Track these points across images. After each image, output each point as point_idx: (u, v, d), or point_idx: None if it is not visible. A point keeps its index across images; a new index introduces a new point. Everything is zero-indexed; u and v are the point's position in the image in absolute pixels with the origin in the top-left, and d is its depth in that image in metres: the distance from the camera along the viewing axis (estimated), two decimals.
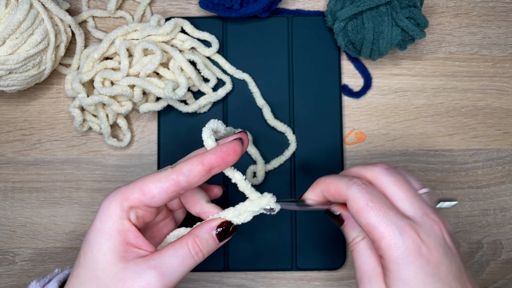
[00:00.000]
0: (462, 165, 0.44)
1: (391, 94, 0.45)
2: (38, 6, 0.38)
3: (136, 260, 0.28)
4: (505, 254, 0.44)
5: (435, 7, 0.46)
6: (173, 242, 0.29)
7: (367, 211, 0.27)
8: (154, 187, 0.28)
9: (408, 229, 0.26)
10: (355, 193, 0.28)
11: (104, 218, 0.28)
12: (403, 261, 0.26)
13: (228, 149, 0.29)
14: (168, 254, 0.28)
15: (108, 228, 0.28)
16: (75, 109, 0.42)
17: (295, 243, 0.43)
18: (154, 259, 0.28)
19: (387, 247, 0.26)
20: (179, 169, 0.28)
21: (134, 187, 0.29)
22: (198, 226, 0.30)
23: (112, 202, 0.28)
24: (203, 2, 0.43)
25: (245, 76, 0.43)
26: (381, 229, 0.27)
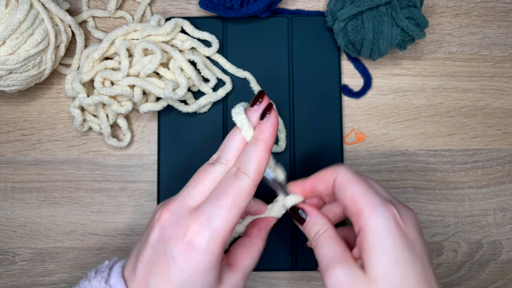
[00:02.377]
0: (462, 165, 0.44)
1: (391, 94, 0.45)
2: (38, 6, 0.38)
3: (228, 276, 0.30)
4: (505, 254, 0.44)
5: (435, 7, 0.46)
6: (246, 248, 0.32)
7: (354, 182, 0.29)
8: (246, 204, 0.28)
9: (389, 204, 0.28)
10: (345, 169, 0.31)
11: (210, 259, 0.27)
12: (383, 230, 0.27)
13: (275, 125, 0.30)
14: (249, 262, 0.31)
15: (214, 265, 0.27)
16: (75, 109, 0.42)
17: (295, 243, 0.43)
18: (242, 271, 0.31)
19: (368, 215, 0.28)
20: (258, 173, 0.29)
21: (233, 216, 0.27)
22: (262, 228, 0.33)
23: (216, 242, 0.27)
24: (203, 2, 0.43)
25: (247, 74, 0.43)
26: (365, 198, 0.28)
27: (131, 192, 0.44)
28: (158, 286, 0.27)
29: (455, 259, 0.44)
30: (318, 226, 0.31)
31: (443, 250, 0.44)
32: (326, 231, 0.30)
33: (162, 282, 0.27)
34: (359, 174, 0.30)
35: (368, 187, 0.29)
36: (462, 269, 0.44)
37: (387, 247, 0.27)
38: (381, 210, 0.28)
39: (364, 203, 0.28)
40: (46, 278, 0.43)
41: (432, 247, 0.44)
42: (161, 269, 0.27)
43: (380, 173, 0.44)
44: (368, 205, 0.28)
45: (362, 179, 0.30)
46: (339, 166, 0.31)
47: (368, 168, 0.44)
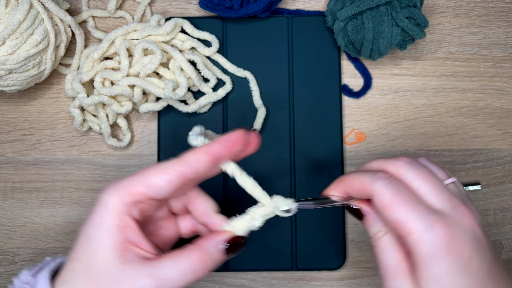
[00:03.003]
0: (462, 165, 0.44)
1: (391, 94, 0.45)
2: (38, 6, 0.38)
3: (135, 264, 0.26)
4: (505, 254, 0.44)
5: (435, 7, 0.46)
6: (177, 250, 0.27)
7: (394, 206, 0.26)
8: (159, 179, 0.27)
9: (437, 224, 0.25)
10: (380, 188, 0.27)
11: (103, 212, 0.27)
12: (433, 257, 0.25)
13: (233, 138, 0.28)
14: (169, 264, 0.26)
15: (108, 224, 0.26)
16: (75, 109, 0.42)
17: (295, 243, 0.43)
18: (153, 267, 0.26)
19: (416, 243, 0.25)
20: (185, 160, 0.27)
21: (136, 179, 0.27)
22: (205, 238, 0.28)
23: (112, 196, 0.27)
24: (203, 2, 0.43)
25: (247, 73, 0.43)
26: (409, 225, 0.26)
27: None
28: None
29: None
30: (376, 228, 0.29)
31: None
32: (385, 235, 0.28)
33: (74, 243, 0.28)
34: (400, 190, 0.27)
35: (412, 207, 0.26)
36: None
37: (439, 275, 0.25)
38: (428, 237, 0.25)
39: (408, 230, 0.26)
40: None
41: None
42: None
43: None
44: (413, 232, 0.26)
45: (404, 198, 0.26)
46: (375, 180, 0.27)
47: None
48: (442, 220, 0.26)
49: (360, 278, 0.43)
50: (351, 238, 0.44)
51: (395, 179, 0.27)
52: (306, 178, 0.43)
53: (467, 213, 0.27)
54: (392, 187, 0.27)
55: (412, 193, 0.27)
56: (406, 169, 0.28)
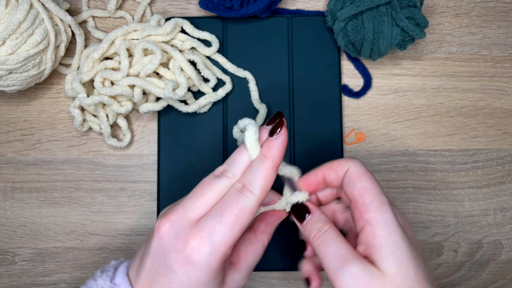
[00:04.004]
0: (462, 165, 0.44)
1: (391, 94, 0.45)
2: (38, 6, 0.38)
3: (231, 276, 0.30)
4: (505, 254, 0.44)
5: (435, 7, 0.46)
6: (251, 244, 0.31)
7: (367, 177, 0.29)
8: (249, 222, 0.28)
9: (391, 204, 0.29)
10: (358, 162, 0.31)
11: (210, 273, 0.27)
12: (392, 225, 0.27)
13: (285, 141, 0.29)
14: (253, 259, 0.31)
15: (215, 277, 0.27)
16: (75, 109, 0.42)
17: (295, 243, 0.43)
18: (245, 269, 0.31)
19: (378, 210, 0.28)
20: (265, 191, 0.28)
21: (235, 233, 0.27)
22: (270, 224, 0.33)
23: (216, 258, 0.27)
24: (203, 2, 0.43)
25: (247, 73, 0.43)
26: (376, 192, 0.29)
27: (131, 192, 0.44)
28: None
29: (455, 259, 0.44)
30: (321, 223, 0.30)
31: (443, 250, 0.44)
32: (331, 228, 0.29)
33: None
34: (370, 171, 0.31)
35: (378, 185, 0.29)
36: (462, 269, 0.44)
37: (398, 241, 0.27)
38: (388, 207, 0.28)
39: (374, 197, 0.28)
40: (46, 278, 0.43)
41: (432, 247, 0.44)
42: (162, 279, 0.27)
43: (380, 173, 0.44)
44: (376, 200, 0.28)
45: (373, 176, 0.30)
46: (353, 158, 0.31)
47: (368, 168, 0.44)
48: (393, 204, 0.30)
49: None
50: None
51: None
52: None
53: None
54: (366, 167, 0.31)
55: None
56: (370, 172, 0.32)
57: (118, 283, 0.28)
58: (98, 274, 0.30)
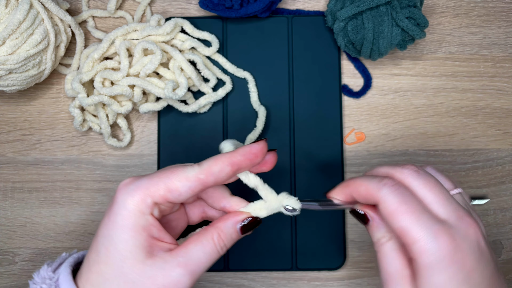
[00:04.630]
0: (462, 165, 0.44)
1: (391, 94, 0.45)
2: (38, 6, 0.38)
3: (163, 256, 0.27)
4: (505, 254, 0.44)
5: (435, 7, 0.46)
6: (196, 235, 0.28)
7: (400, 214, 0.26)
8: (181, 186, 0.27)
9: (442, 234, 0.26)
10: (387, 195, 0.27)
11: (126, 213, 0.27)
12: (436, 267, 0.25)
13: (256, 150, 0.28)
14: (195, 249, 0.27)
15: (132, 224, 0.27)
16: (75, 109, 0.42)
17: (295, 243, 0.43)
18: (181, 255, 0.27)
19: (420, 252, 0.25)
20: (209, 169, 0.27)
21: (159, 182, 0.27)
22: (222, 219, 0.29)
23: (134, 197, 0.27)
24: (203, 2, 0.43)
25: (246, 74, 0.43)
26: (414, 233, 0.26)
27: None
28: (90, 247, 0.28)
29: None
30: (380, 233, 0.29)
31: None
32: (389, 241, 0.28)
33: (92, 242, 0.28)
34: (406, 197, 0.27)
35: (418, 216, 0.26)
36: None
37: (439, 285, 0.25)
38: (433, 246, 0.25)
39: (413, 239, 0.26)
40: None
41: None
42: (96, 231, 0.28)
43: None
44: (418, 241, 0.25)
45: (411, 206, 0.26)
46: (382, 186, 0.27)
47: (368, 168, 0.44)
48: (447, 231, 0.26)
49: (360, 278, 0.43)
50: (351, 238, 0.44)
51: (402, 187, 0.27)
52: (306, 178, 0.43)
53: (472, 224, 0.27)
54: (399, 195, 0.27)
55: (418, 201, 0.27)
56: (412, 177, 0.28)
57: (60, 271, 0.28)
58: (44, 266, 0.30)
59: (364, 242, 0.44)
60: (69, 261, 0.29)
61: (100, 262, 0.27)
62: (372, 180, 0.28)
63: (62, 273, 0.28)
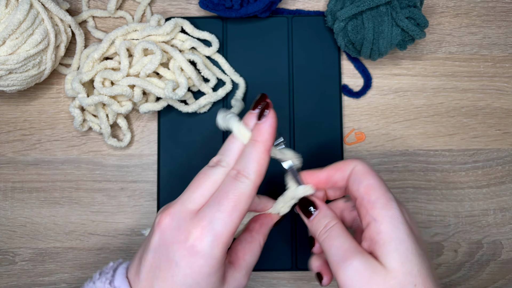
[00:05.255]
0: (462, 165, 0.44)
1: (391, 94, 0.45)
2: (38, 6, 0.38)
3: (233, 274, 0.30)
4: (505, 254, 0.44)
5: (435, 7, 0.46)
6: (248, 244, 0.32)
7: (372, 175, 0.30)
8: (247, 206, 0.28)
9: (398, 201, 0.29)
10: (363, 161, 0.31)
11: (214, 263, 0.27)
12: (397, 221, 0.27)
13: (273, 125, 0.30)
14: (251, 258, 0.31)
15: (218, 268, 0.28)
16: (75, 109, 0.42)
17: (295, 243, 0.43)
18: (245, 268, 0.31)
19: (383, 206, 0.28)
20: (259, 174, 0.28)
21: (234, 220, 0.27)
22: (264, 224, 0.33)
23: (219, 247, 0.27)
24: (203, 2, 0.43)
25: (240, 80, 0.43)
26: (381, 189, 0.29)
27: (131, 192, 0.44)
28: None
29: (455, 259, 0.44)
30: (328, 219, 0.30)
31: (443, 250, 0.44)
32: (337, 224, 0.30)
33: (166, 287, 0.27)
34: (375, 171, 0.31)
35: (383, 183, 0.30)
36: (462, 269, 0.44)
37: (403, 238, 0.27)
38: (394, 204, 0.28)
39: (379, 194, 0.29)
40: (46, 278, 0.43)
41: (432, 247, 0.44)
42: (164, 274, 0.27)
43: (380, 173, 0.44)
44: (382, 197, 0.28)
45: (378, 175, 0.30)
46: (358, 158, 0.31)
47: None
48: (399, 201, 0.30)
49: None
50: None
51: None
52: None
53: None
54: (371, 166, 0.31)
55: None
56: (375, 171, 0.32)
57: (118, 285, 0.28)
58: (97, 276, 0.30)
59: None
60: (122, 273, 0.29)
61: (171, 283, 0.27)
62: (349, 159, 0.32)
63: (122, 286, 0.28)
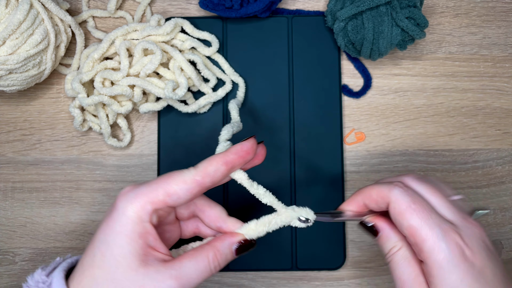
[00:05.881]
0: (462, 165, 0.44)
1: (391, 94, 0.45)
2: (38, 6, 0.38)
3: (157, 266, 0.27)
4: (505, 254, 0.44)
5: (435, 7, 0.46)
6: (192, 251, 0.29)
7: (410, 213, 0.27)
8: (179, 189, 0.28)
9: (451, 232, 0.26)
10: (398, 194, 0.28)
11: (124, 220, 0.27)
12: (448, 265, 0.25)
13: (247, 147, 0.29)
14: (189, 264, 0.28)
15: (130, 231, 0.27)
16: (75, 109, 0.42)
17: (295, 243, 0.43)
18: (175, 268, 0.27)
19: (430, 250, 0.26)
20: (204, 171, 0.28)
21: (158, 188, 0.28)
22: (219, 239, 0.30)
23: (133, 204, 0.27)
24: (203, 2, 0.43)
25: (240, 80, 0.43)
26: (424, 231, 0.26)
27: None
28: (85, 251, 0.28)
29: None
30: (391, 244, 0.29)
31: None
32: (401, 249, 0.29)
33: (88, 245, 0.28)
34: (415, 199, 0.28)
35: (427, 214, 0.27)
36: None
37: (454, 284, 0.25)
38: (443, 244, 0.26)
39: (423, 237, 0.26)
40: None
41: None
42: (95, 234, 0.28)
43: (380, 173, 0.44)
44: (428, 239, 0.26)
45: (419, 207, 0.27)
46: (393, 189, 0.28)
47: (368, 168, 0.44)
48: (454, 230, 0.26)
49: (360, 278, 0.43)
50: (351, 238, 0.44)
51: (411, 189, 0.28)
52: (306, 178, 0.43)
53: (477, 225, 0.28)
54: (409, 195, 0.28)
55: (426, 202, 0.28)
56: (415, 183, 0.29)
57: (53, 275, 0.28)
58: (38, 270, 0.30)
59: (364, 242, 0.44)
60: (63, 265, 0.29)
61: (94, 266, 0.27)
62: (383, 184, 0.29)
63: (55, 276, 0.28)
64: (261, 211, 0.31)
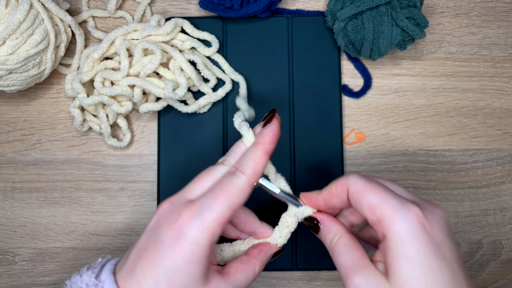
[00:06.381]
0: (462, 165, 0.44)
1: (391, 94, 0.45)
2: (38, 6, 0.38)
3: (216, 282, 0.29)
4: (505, 254, 0.44)
5: (435, 7, 0.46)
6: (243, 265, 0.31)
7: (368, 192, 0.28)
8: (240, 200, 0.29)
9: (411, 205, 0.26)
10: (355, 178, 0.29)
11: (197, 248, 0.27)
12: (406, 235, 0.25)
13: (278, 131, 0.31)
14: (241, 278, 0.30)
15: (200, 257, 0.27)
16: (75, 109, 0.42)
17: (295, 243, 0.43)
18: (231, 283, 0.29)
19: (390, 222, 0.26)
20: (254, 172, 0.29)
21: (223, 208, 0.28)
22: (262, 252, 0.32)
23: (204, 233, 0.27)
24: (203, 2, 0.43)
25: (240, 78, 0.43)
26: (384, 206, 0.27)
27: (131, 192, 0.44)
28: (142, 271, 0.27)
29: None
30: (332, 234, 0.30)
31: None
32: (341, 238, 0.29)
33: (147, 266, 0.27)
34: (371, 180, 0.29)
35: (385, 191, 0.27)
36: None
37: (411, 253, 0.25)
38: (402, 214, 0.26)
39: (383, 210, 0.26)
40: (46, 278, 0.43)
41: None
42: (149, 254, 0.28)
43: (380, 173, 0.44)
44: (387, 211, 0.26)
45: (376, 185, 0.28)
46: (349, 176, 0.29)
47: (368, 168, 0.44)
48: (415, 204, 0.27)
49: None
50: None
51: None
52: (306, 178, 0.43)
53: (439, 207, 0.28)
54: (366, 177, 0.29)
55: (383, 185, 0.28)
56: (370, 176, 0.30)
57: (103, 279, 0.28)
58: (84, 270, 0.30)
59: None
60: (110, 268, 0.29)
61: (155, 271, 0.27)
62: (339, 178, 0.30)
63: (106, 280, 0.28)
64: (261, 211, 0.32)
